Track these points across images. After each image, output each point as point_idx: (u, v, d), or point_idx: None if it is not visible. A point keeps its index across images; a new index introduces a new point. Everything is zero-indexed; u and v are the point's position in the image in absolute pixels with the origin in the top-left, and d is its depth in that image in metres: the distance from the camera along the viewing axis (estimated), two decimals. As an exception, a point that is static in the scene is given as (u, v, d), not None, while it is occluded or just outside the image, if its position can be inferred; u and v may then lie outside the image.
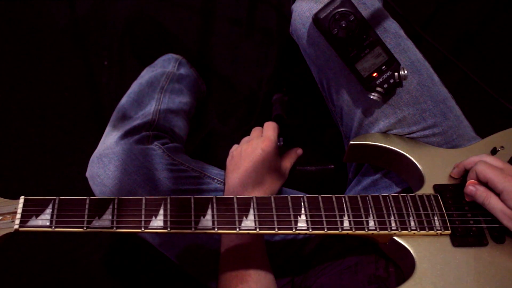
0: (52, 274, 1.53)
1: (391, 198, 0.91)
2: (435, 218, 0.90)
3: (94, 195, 1.13)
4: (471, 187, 0.89)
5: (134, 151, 1.14)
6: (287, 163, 1.16)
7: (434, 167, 0.98)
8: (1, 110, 1.69)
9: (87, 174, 1.15)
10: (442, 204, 0.92)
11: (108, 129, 1.26)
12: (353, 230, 0.87)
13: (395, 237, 0.89)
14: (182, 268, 1.17)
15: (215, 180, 1.17)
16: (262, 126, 1.16)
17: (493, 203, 0.86)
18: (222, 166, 1.17)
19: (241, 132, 1.65)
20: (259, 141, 1.09)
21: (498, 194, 0.86)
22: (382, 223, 0.89)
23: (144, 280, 1.53)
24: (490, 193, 0.87)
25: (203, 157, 1.29)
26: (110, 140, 1.19)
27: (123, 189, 1.09)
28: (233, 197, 0.88)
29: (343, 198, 0.90)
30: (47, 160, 1.65)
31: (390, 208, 0.90)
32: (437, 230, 0.89)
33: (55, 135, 1.68)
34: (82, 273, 1.54)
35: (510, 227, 0.85)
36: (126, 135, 1.19)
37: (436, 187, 0.95)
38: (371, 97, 1.01)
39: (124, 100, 1.37)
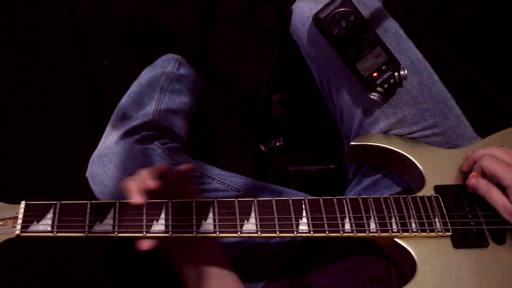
0: (52, 274, 1.53)
1: (392, 200, 0.91)
2: (436, 219, 0.90)
3: (94, 195, 1.13)
4: (474, 179, 0.90)
5: (134, 151, 1.14)
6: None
7: (434, 167, 0.98)
8: (1, 110, 1.69)
9: (87, 174, 1.15)
10: (443, 206, 0.92)
11: (108, 129, 1.26)
12: (355, 232, 0.88)
13: (396, 239, 0.89)
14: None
15: (215, 180, 1.17)
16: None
17: (494, 196, 0.87)
18: (222, 166, 1.17)
19: (241, 132, 1.65)
20: None
21: (504, 188, 0.86)
22: (383, 225, 0.89)
23: (145, 280, 1.53)
24: (491, 186, 0.88)
25: (203, 157, 1.29)
26: (110, 140, 1.19)
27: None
28: (234, 200, 0.88)
29: (344, 200, 0.90)
30: (47, 160, 1.64)
31: (391, 210, 0.90)
32: (438, 231, 0.89)
33: (55, 135, 1.67)
34: (82, 273, 1.54)
35: (509, 221, 0.86)
36: (126, 135, 1.19)
37: (437, 188, 0.95)
38: (371, 97, 1.01)
39: (124, 100, 1.37)
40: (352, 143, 1.03)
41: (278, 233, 0.86)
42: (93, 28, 1.76)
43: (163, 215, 0.85)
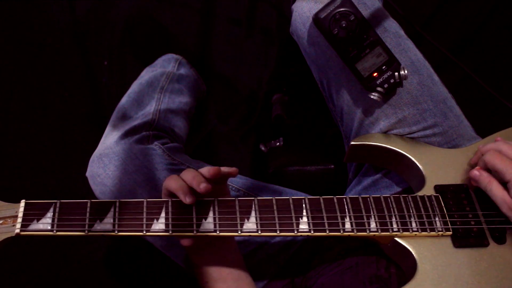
0: (52, 275, 1.53)
1: (392, 199, 0.91)
2: (436, 219, 0.90)
3: (94, 195, 1.13)
4: (476, 171, 0.91)
5: (134, 151, 1.14)
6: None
7: (435, 167, 0.98)
8: (1, 110, 1.69)
9: (87, 174, 1.15)
10: (443, 205, 0.92)
11: (108, 129, 1.26)
12: (355, 231, 0.87)
13: (396, 238, 0.89)
14: (184, 269, 1.17)
15: (215, 180, 1.17)
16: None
17: (495, 190, 0.87)
18: (222, 166, 1.17)
19: (241, 132, 1.65)
20: None
21: (505, 183, 0.87)
22: (383, 224, 0.89)
23: (145, 280, 1.53)
24: (493, 179, 0.88)
25: (203, 157, 1.29)
26: (110, 140, 1.19)
27: (123, 189, 1.09)
28: (234, 199, 0.88)
29: (344, 200, 0.90)
30: (47, 160, 1.64)
31: (392, 209, 0.90)
32: (438, 231, 0.89)
33: (55, 135, 1.67)
34: (82, 273, 1.54)
35: (508, 215, 0.86)
36: (126, 135, 1.19)
37: (437, 188, 0.95)
38: (372, 97, 1.01)
39: (124, 100, 1.37)
40: (352, 142, 1.03)
41: (278, 232, 0.86)
42: (93, 28, 1.76)
43: (163, 214, 0.85)
